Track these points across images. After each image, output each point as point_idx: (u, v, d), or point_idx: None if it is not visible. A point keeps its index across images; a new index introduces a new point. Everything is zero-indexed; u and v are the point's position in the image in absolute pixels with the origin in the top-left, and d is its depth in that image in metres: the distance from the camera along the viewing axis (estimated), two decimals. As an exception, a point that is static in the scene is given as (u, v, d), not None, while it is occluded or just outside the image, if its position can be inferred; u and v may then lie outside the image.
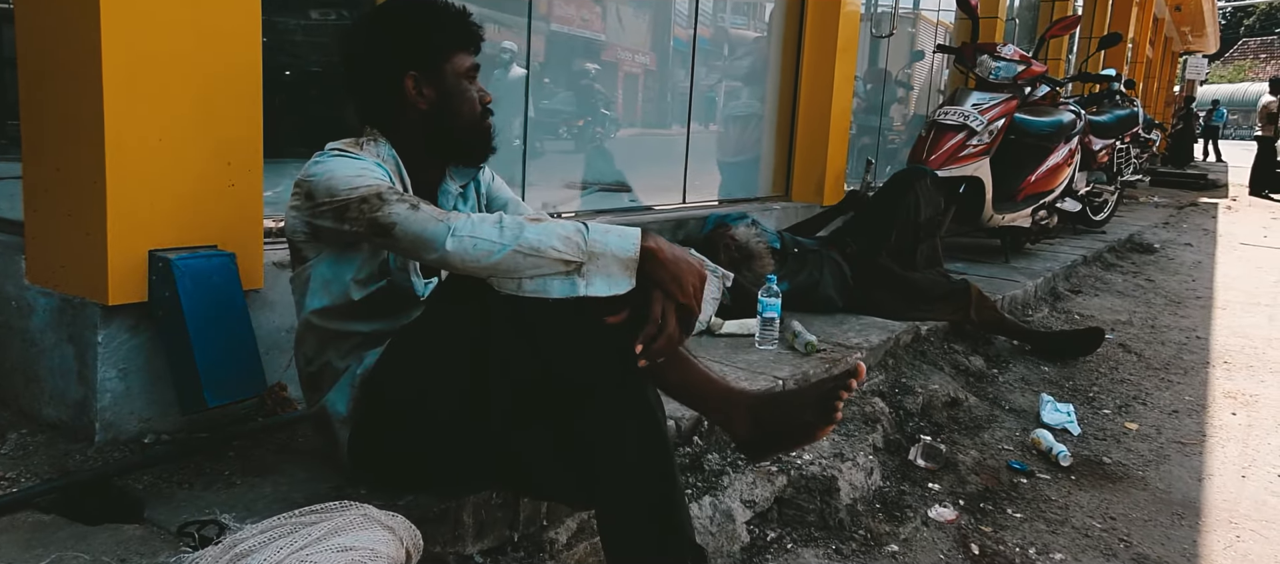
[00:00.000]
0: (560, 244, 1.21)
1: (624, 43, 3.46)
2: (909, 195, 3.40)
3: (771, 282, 2.65)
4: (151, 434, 1.60)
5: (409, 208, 1.26)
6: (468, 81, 1.47)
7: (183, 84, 1.54)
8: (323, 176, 1.31)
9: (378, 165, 1.37)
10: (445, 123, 1.46)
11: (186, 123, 1.55)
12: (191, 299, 1.49)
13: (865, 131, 5.53)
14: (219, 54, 1.58)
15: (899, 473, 2.27)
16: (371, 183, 1.30)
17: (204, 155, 1.59)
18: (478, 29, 1.50)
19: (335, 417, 1.43)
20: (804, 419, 1.43)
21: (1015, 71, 4.36)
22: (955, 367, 3.06)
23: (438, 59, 1.44)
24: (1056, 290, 4.48)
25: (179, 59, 1.53)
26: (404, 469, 1.43)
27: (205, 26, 1.56)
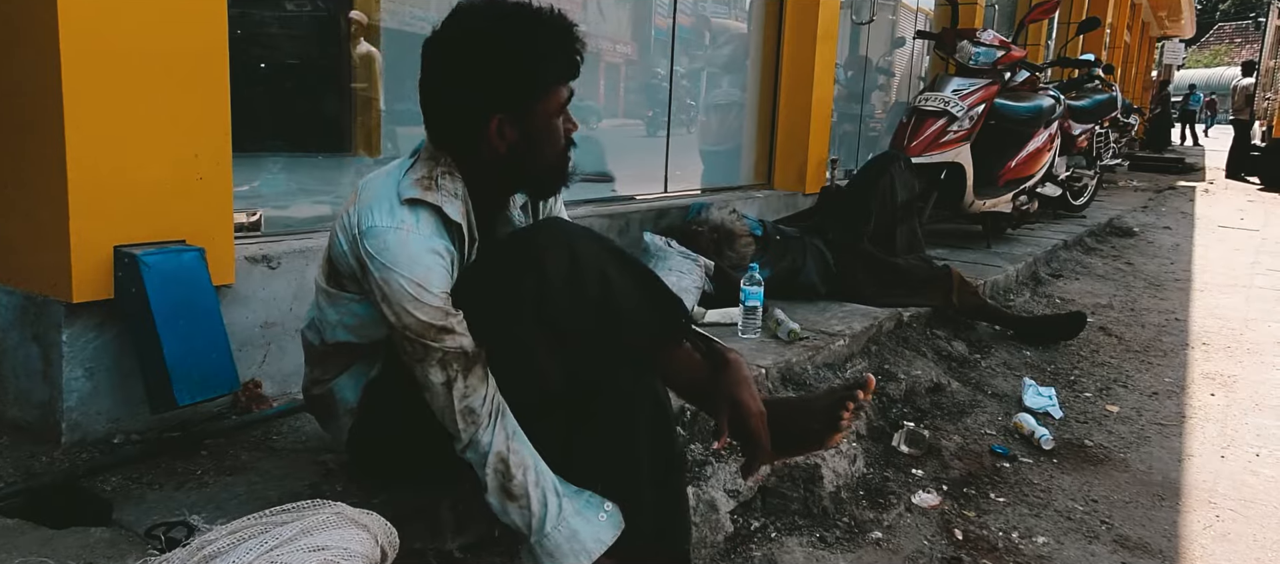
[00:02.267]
0: (519, 521, 1.25)
1: (603, 32, 3.42)
2: (884, 178, 3.40)
3: (753, 269, 2.64)
4: (121, 434, 1.56)
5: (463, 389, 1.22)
6: (557, 118, 1.30)
7: (147, 75, 1.50)
8: (392, 275, 1.20)
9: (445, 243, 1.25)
10: (523, 163, 1.30)
11: (152, 115, 1.51)
12: (159, 295, 1.45)
13: (847, 119, 5.52)
14: (184, 44, 1.54)
15: (883, 460, 2.27)
16: (451, 342, 1.21)
17: (171, 148, 1.55)
18: (580, 50, 1.28)
19: (342, 404, 1.39)
20: (812, 427, 1.41)
21: (995, 57, 4.36)
22: (938, 352, 3.06)
23: (531, 100, 1.26)
24: (1038, 275, 4.50)
25: (142, 49, 1.49)
26: (405, 464, 1.40)
27: (169, 16, 1.51)
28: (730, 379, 1.35)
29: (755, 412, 1.34)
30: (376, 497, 1.39)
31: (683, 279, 2.81)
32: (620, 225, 2.97)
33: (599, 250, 1.29)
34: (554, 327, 1.25)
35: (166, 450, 1.52)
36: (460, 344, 1.23)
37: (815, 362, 2.54)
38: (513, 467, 1.24)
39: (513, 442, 1.25)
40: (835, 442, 1.43)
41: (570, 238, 1.28)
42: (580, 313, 1.25)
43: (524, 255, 1.26)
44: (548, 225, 1.30)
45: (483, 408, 1.24)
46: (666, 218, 3.20)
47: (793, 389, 2.39)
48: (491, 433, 1.24)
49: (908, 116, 4.20)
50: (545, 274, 1.23)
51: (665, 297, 1.33)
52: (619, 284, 1.27)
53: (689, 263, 2.83)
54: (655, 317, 1.32)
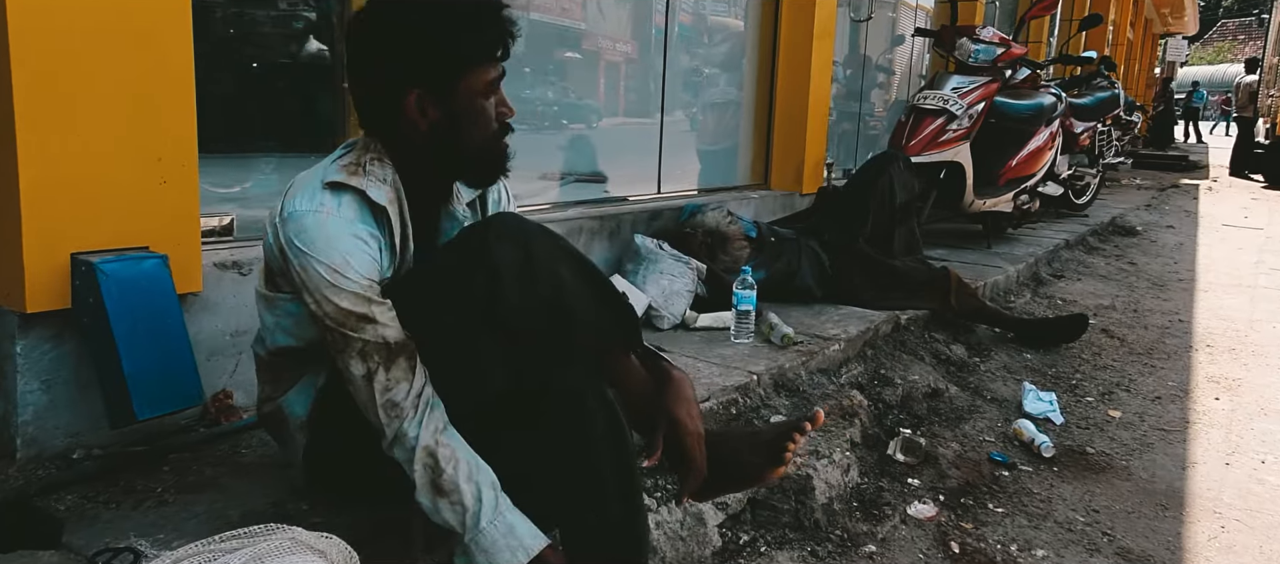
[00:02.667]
0: (452, 519, 1.19)
1: (595, 30, 3.36)
2: (882, 179, 3.33)
3: (746, 273, 2.58)
4: (81, 449, 1.50)
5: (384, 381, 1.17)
6: (484, 99, 1.24)
7: (105, 73, 1.44)
8: (309, 260, 1.15)
9: (370, 228, 1.21)
10: (450, 145, 1.25)
11: (111, 115, 1.45)
12: (118, 305, 1.39)
13: (846, 118, 5.46)
14: (146, 43, 1.48)
15: (877, 469, 2.21)
16: (371, 332, 1.16)
17: (132, 152, 1.49)
18: (508, 30, 1.24)
19: (293, 419, 1.34)
20: (752, 461, 1.37)
21: (995, 54, 4.29)
22: (936, 356, 3.00)
23: (450, 77, 1.21)
24: (1039, 275, 4.43)
25: (100, 45, 1.43)
26: (363, 477, 1.34)
27: (129, 9, 1.45)
28: (671, 395, 1.31)
29: (692, 431, 1.29)
30: (342, 515, 1.34)
31: (674, 282, 2.75)
32: (611, 227, 2.91)
33: (553, 249, 1.23)
34: (504, 325, 1.20)
35: (128, 466, 1.46)
36: (382, 335, 1.17)
37: (809, 367, 2.48)
38: (442, 461, 1.18)
39: (443, 435, 1.19)
40: (775, 477, 1.38)
41: (525, 234, 1.22)
42: (532, 312, 1.20)
43: (476, 250, 1.21)
44: (502, 220, 1.25)
45: (406, 401, 1.18)
46: (659, 220, 3.14)
47: (785, 396, 2.32)
48: (418, 427, 1.18)
49: (906, 115, 4.14)
50: (497, 270, 1.18)
51: (618, 302, 1.28)
52: (572, 285, 1.22)
53: (681, 266, 2.77)
54: (607, 321, 1.27)
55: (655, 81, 3.51)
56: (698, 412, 1.33)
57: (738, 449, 1.38)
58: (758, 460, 1.36)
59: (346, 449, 1.29)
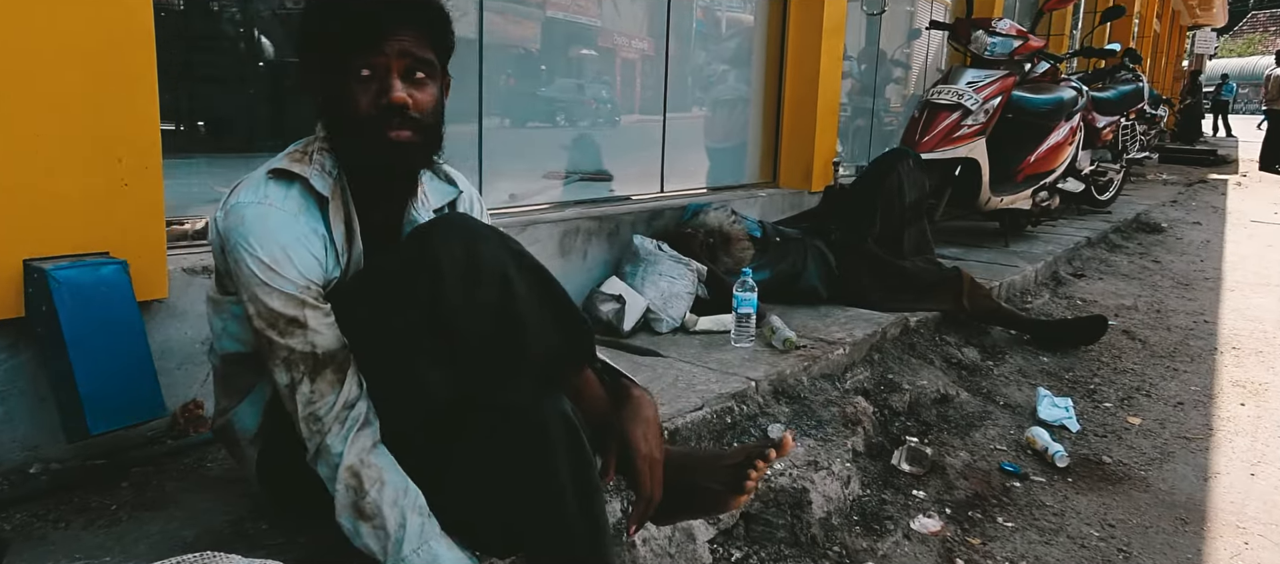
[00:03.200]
0: (373, 545, 1.11)
1: (600, 25, 3.28)
2: (891, 177, 3.22)
3: (746, 275, 2.49)
4: (38, 464, 1.45)
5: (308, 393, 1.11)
6: (356, 83, 1.14)
7: (59, 73, 1.38)
8: (245, 254, 1.10)
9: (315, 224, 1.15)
10: (338, 124, 1.17)
11: (66, 116, 1.39)
12: (71, 314, 1.33)
13: (860, 113, 5.34)
14: (104, 38, 1.42)
15: (881, 480, 2.11)
16: (299, 339, 1.09)
17: (90, 153, 1.43)
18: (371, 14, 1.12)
19: (243, 433, 1.28)
20: (712, 488, 1.29)
21: (1012, 47, 4.17)
22: (947, 360, 2.89)
23: (328, 54, 1.14)
24: (1058, 274, 4.30)
25: (53, 44, 1.37)
26: (318, 493, 1.27)
27: (85, 5, 1.39)
28: (628, 416, 1.23)
29: (644, 455, 1.21)
30: (302, 533, 1.27)
31: (674, 284, 2.67)
32: (610, 227, 2.83)
33: (502, 252, 1.15)
34: (448, 331, 1.12)
35: (86, 481, 1.41)
36: (311, 342, 1.11)
37: (811, 372, 2.39)
38: (366, 482, 1.11)
39: (370, 455, 1.12)
40: (737, 505, 1.30)
41: (471, 235, 1.14)
42: (476, 317, 1.12)
43: (419, 251, 1.13)
44: (448, 220, 1.17)
45: (329, 414, 1.11)
46: (661, 219, 3.06)
47: (785, 403, 2.24)
48: (343, 443, 1.11)
49: (919, 111, 4.03)
50: (439, 272, 1.10)
51: (572, 315, 1.20)
52: (522, 293, 1.14)
53: (680, 267, 2.69)
54: (559, 334, 1.18)
55: (658, 77, 3.42)
56: (656, 433, 1.24)
57: (698, 474, 1.30)
58: (718, 487, 1.28)
59: (296, 464, 1.22)
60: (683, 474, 1.32)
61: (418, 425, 1.19)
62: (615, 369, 1.35)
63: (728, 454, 1.34)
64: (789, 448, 1.30)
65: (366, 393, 1.16)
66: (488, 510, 1.20)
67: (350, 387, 1.13)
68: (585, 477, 1.20)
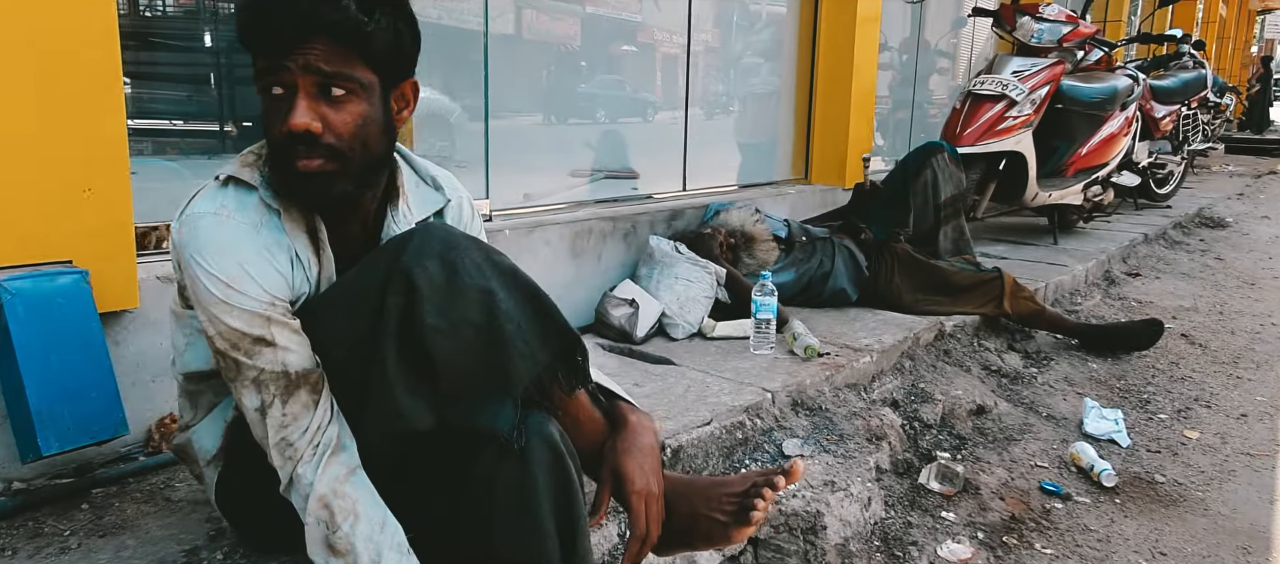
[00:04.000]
0: None
1: (615, 15, 3.17)
2: (925, 173, 3.04)
3: (765, 278, 2.35)
4: (1, 482, 1.39)
5: (280, 417, 1.02)
6: (267, 97, 1.03)
7: (13, 70, 1.31)
8: (200, 270, 1.01)
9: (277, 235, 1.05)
10: None
11: (20, 117, 1.33)
12: (23, 327, 1.27)
13: (901, 106, 5.13)
14: (61, 34, 1.35)
15: (907, 500, 1.96)
16: (268, 358, 1.00)
17: (47, 157, 1.36)
18: (263, 20, 0.99)
19: (201, 453, 1.20)
20: (714, 518, 1.18)
21: (1060, 34, 3.93)
22: (985, 367, 2.71)
23: (250, 49, 1.03)
24: (1111, 274, 4.05)
25: (5, 41, 1.30)
26: (279, 524, 1.18)
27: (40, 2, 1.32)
28: (623, 444, 1.12)
29: (639, 488, 1.11)
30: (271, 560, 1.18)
31: (691, 288, 2.54)
32: (626, 228, 2.71)
33: (486, 265, 1.04)
34: (424, 354, 1.01)
35: (43, 503, 1.34)
36: (282, 361, 1.01)
37: (834, 382, 2.23)
38: (339, 514, 1.01)
39: (344, 485, 1.02)
40: (741, 537, 1.18)
41: (451, 246, 1.03)
42: (456, 338, 1.01)
43: (391, 265, 1.02)
44: (427, 231, 1.05)
45: (303, 439, 1.02)
46: (681, 219, 2.93)
47: (805, 415, 2.09)
48: (316, 470, 1.01)
49: (960, 102, 3.82)
50: (413, 287, 0.99)
51: (564, 333, 1.08)
52: (507, 310, 1.02)
53: (698, 270, 2.55)
54: (549, 353, 1.07)
55: (679, 70, 3.29)
56: (655, 464, 1.13)
57: (699, 503, 1.18)
58: (722, 518, 1.16)
59: (258, 492, 1.13)
60: (683, 503, 1.21)
61: (394, 456, 1.09)
62: (611, 390, 1.24)
63: (731, 481, 1.22)
64: (798, 475, 1.18)
65: (339, 415, 1.06)
66: (467, 546, 1.10)
67: (324, 409, 1.04)
68: (570, 510, 1.10)
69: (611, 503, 1.16)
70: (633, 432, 1.15)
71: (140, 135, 2.23)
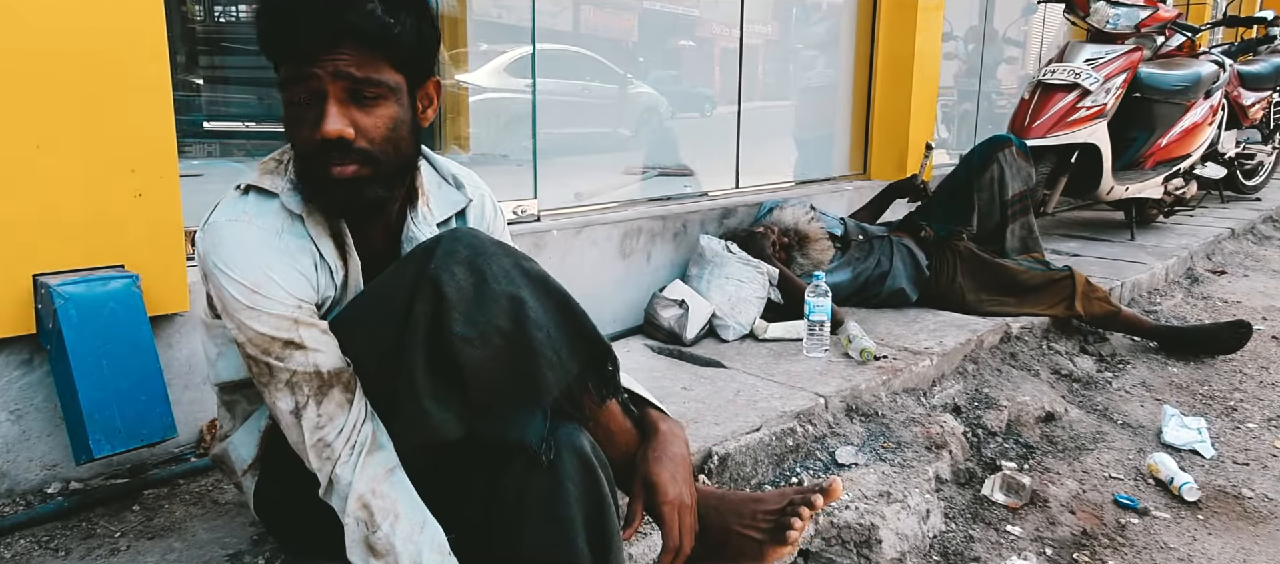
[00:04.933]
0: None
1: (667, 8, 3.12)
2: (991, 168, 2.91)
3: (818, 278, 2.27)
4: (58, 482, 1.42)
5: (315, 417, 1.01)
6: (294, 106, 1.01)
7: (63, 77, 1.34)
8: (224, 278, 1.00)
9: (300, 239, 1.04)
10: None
11: (72, 123, 1.35)
12: (76, 331, 1.29)
13: (966, 97, 4.96)
14: (112, 39, 1.37)
15: (969, 512, 1.86)
16: (299, 360, 0.99)
17: (100, 163, 1.39)
18: (286, 26, 0.98)
19: (239, 462, 1.20)
20: (749, 536, 1.14)
21: (1138, 18, 3.73)
22: (1055, 371, 2.58)
23: (277, 68, 1.02)
24: (1194, 271, 3.82)
25: (56, 48, 1.33)
26: (319, 531, 1.18)
27: (89, 6, 1.34)
28: (654, 452, 1.09)
29: (671, 498, 1.07)
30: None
31: (742, 288, 2.48)
32: (676, 227, 2.67)
33: (515, 272, 1.01)
34: (453, 363, 0.98)
35: (95, 504, 1.36)
36: (313, 362, 1.00)
37: (891, 387, 2.15)
38: (378, 514, 0.99)
39: (383, 484, 1.01)
40: (776, 557, 1.13)
41: (479, 252, 1.00)
42: (484, 347, 0.98)
43: (418, 273, 1.00)
44: (455, 237, 1.03)
45: (340, 439, 1.01)
46: (733, 217, 2.87)
47: (859, 421, 2.01)
48: (354, 470, 1.00)
49: (1029, 92, 3.66)
50: (442, 295, 0.97)
51: (594, 341, 1.04)
52: (537, 318, 0.99)
53: (749, 270, 2.49)
54: (579, 362, 1.03)
55: (733, 64, 3.22)
56: (687, 473, 1.09)
57: (731, 520, 1.14)
58: (757, 536, 1.12)
59: (296, 499, 1.12)
60: (715, 517, 1.17)
61: (423, 465, 1.07)
62: (641, 396, 1.21)
63: (767, 498, 1.17)
64: (837, 493, 1.12)
65: (374, 413, 1.05)
66: (499, 558, 1.07)
67: (358, 407, 1.03)
68: (602, 524, 1.06)
69: (640, 524, 1.12)
70: (664, 440, 1.12)
71: (210, 137, 2.29)
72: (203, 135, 2.23)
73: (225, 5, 2.69)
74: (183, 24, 2.31)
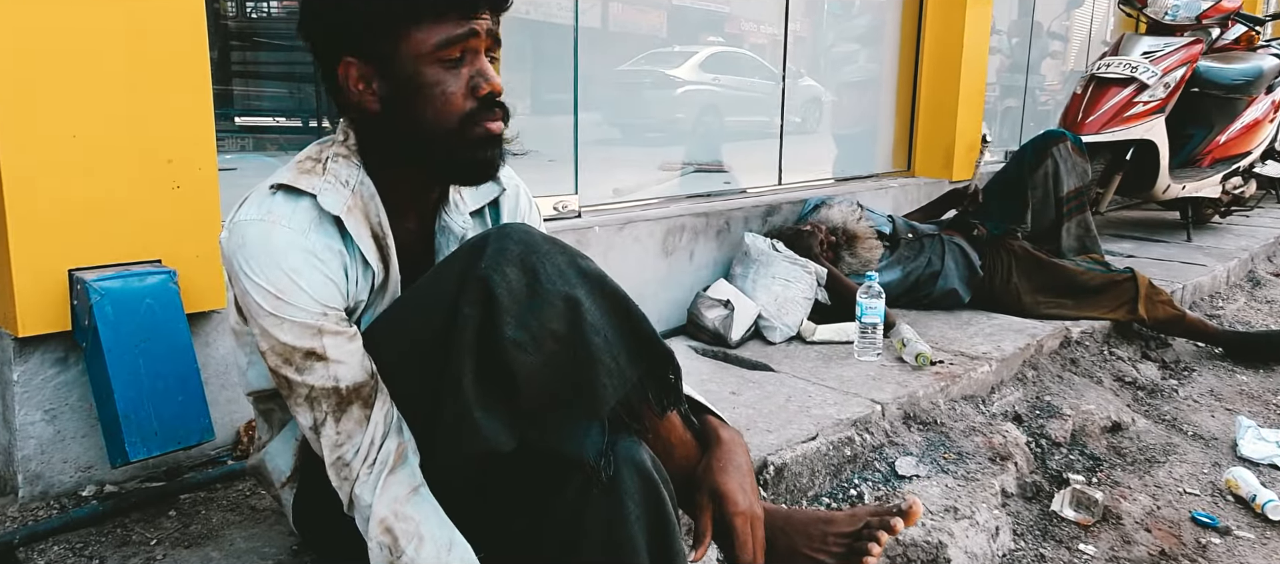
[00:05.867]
0: None
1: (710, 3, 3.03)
2: (1045, 163, 2.79)
3: (871, 280, 2.17)
4: (92, 485, 1.37)
5: (334, 435, 0.95)
6: (442, 67, 0.97)
7: (101, 67, 1.28)
8: (248, 281, 0.95)
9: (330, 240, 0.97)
10: (407, 129, 0.98)
11: (109, 114, 1.30)
12: (112, 328, 1.23)
13: (1010, 92, 4.81)
14: (149, 29, 1.31)
15: (1038, 529, 1.76)
16: (319, 374, 0.94)
17: (136, 154, 1.33)
18: None
19: (277, 474, 1.14)
20: (820, 560, 1.06)
21: (1199, 10, 3.58)
22: (1118, 378, 2.46)
23: (382, 37, 0.95)
24: (1256, 274, 3.67)
25: (93, 37, 1.27)
26: (358, 545, 1.11)
27: (130, -2, 1.29)
28: (718, 463, 1.02)
29: (743, 509, 1.01)
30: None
31: (789, 288, 2.38)
32: (719, 225, 2.58)
33: (571, 271, 0.93)
34: (504, 370, 0.91)
35: (131, 508, 1.31)
36: (333, 375, 0.94)
37: (949, 393, 2.05)
38: (402, 537, 0.93)
39: (406, 506, 0.94)
40: None
41: (532, 251, 0.93)
42: (538, 353, 0.91)
43: (467, 271, 0.92)
44: (505, 233, 0.95)
45: (357, 458, 0.95)
46: (778, 215, 2.77)
47: (918, 430, 1.92)
48: (374, 491, 0.94)
49: (1082, 86, 3.52)
50: (492, 297, 0.90)
51: (655, 347, 0.96)
52: (594, 322, 0.92)
53: (796, 270, 2.40)
54: (638, 370, 0.95)
55: (776, 56, 3.12)
56: (753, 484, 1.02)
57: (799, 542, 1.06)
58: (827, 560, 1.04)
59: (336, 513, 1.05)
60: (782, 538, 1.09)
61: (470, 477, 1.00)
62: (699, 401, 1.12)
63: (839, 519, 1.09)
64: (917, 516, 1.04)
65: (398, 426, 0.98)
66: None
67: (378, 423, 0.96)
68: (667, 545, 0.98)
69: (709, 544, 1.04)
70: (727, 449, 1.04)
71: (243, 131, 2.24)
72: (235, 130, 2.19)
73: (257, 1, 2.65)
74: (216, 20, 2.27)
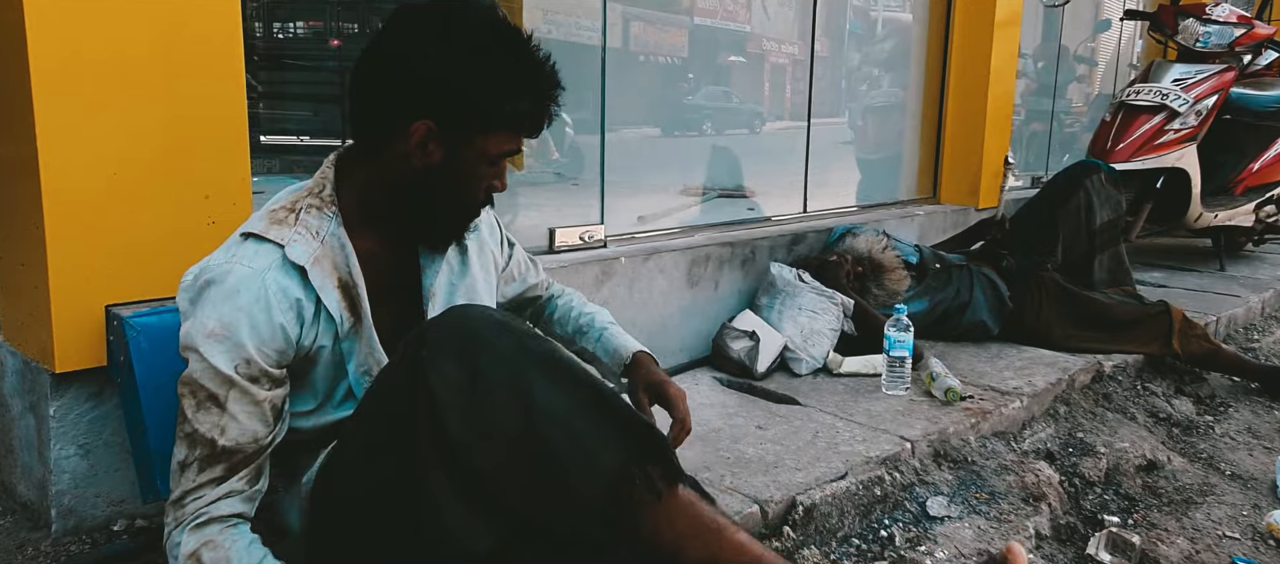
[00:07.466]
0: None
1: (734, 25, 3.03)
2: (1078, 195, 2.76)
3: (899, 312, 2.15)
4: (124, 520, 1.38)
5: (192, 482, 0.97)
6: (487, 163, 1.05)
7: (141, 106, 1.30)
8: (191, 317, 0.98)
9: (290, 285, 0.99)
10: (436, 194, 1.05)
11: (148, 151, 1.31)
12: (147, 364, 1.24)
13: (1036, 117, 4.78)
14: (187, 67, 1.33)
15: (1072, 573, 1.72)
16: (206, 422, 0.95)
17: (174, 189, 1.35)
18: (548, 116, 1.05)
19: (289, 529, 1.15)
20: None
21: (1231, 37, 3.53)
22: (1152, 415, 2.41)
23: (472, 129, 1.01)
24: (1291, 306, 3.60)
25: (133, 76, 1.29)
26: None
27: (166, 34, 1.31)
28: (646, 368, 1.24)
29: (676, 391, 1.20)
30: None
31: (815, 319, 2.37)
32: (744, 254, 2.57)
33: (518, 357, 0.92)
34: (460, 468, 0.90)
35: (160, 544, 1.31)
36: (220, 427, 0.95)
37: (980, 430, 2.02)
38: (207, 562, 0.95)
39: (218, 535, 0.96)
40: None
41: (471, 338, 0.91)
42: (489, 451, 0.89)
43: (414, 359, 0.92)
44: (438, 322, 0.95)
45: (192, 507, 0.97)
46: (803, 244, 2.76)
47: (948, 469, 1.89)
48: (194, 536, 0.96)
49: (1112, 114, 3.48)
50: (433, 394, 0.89)
51: (633, 426, 0.93)
52: (549, 407, 0.89)
53: (823, 301, 2.38)
54: (615, 455, 0.91)
55: (802, 83, 3.12)
56: None
57: None
58: None
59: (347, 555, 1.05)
60: None
61: None
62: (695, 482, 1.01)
63: None
64: None
65: (252, 497, 1.00)
66: None
67: (230, 488, 0.98)
68: None
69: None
70: (648, 361, 1.30)
71: (269, 152, 2.27)
72: (260, 151, 2.21)
73: (284, 22, 2.69)
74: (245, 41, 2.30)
